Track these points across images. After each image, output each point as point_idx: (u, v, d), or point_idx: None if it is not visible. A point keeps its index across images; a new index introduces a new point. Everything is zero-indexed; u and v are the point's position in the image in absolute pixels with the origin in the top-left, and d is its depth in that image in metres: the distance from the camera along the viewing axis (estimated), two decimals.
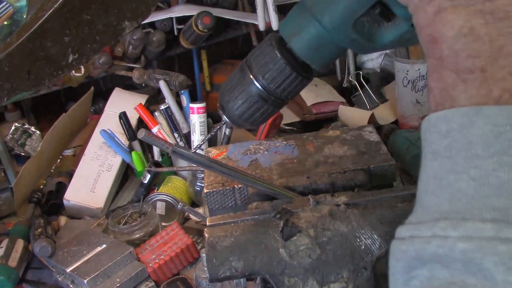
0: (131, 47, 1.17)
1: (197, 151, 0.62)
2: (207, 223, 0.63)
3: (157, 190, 1.03)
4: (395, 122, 1.18)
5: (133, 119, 1.12)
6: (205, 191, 0.73)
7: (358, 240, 0.57)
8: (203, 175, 0.89)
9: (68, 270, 0.83)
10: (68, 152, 1.20)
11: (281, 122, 1.17)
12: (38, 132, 1.19)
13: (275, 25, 1.15)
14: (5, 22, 0.95)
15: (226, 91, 0.57)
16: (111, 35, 0.54)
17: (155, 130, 1.09)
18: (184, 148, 0.61)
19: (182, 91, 1.14)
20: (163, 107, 1.12)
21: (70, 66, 0.53)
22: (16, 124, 1.17)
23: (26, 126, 1.18)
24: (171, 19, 1.21)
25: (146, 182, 1.04)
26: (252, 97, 0.55)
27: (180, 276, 0.86)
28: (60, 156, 1.20)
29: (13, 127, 1.17)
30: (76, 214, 1.05)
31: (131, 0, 0.54)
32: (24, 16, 0.96)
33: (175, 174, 1.10)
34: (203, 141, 0.65)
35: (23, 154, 1.17)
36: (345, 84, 1.34)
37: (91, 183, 1.06)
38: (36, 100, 1.27)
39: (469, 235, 0.29)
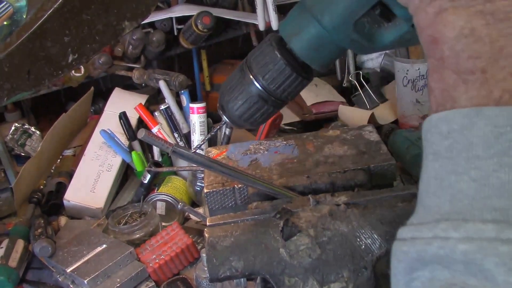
0: (131, 47, 1.17)
1: (197, 151, 0.62)
2: (207, 223, 0.63)
3: (157, 190, 1.03)
4: (395, 122, 1.18)
5: (133, 119, 1.12)
6: (205, 191, 0.73)
7: (358, 239, 0.57)
8: (203, 175, 0.89)
9: (68, 270, 0.83)
10: (68, 152, 1.20)
11: (281, 122, 1.17)
12: (38, 132, 1.19)
13: (275, 25, 1.15)
14: (5, 22, 0.95)
15: (226, 91, 0.57)
16: (111, 35, 0.54)
17: (155, 130, 1.09)
18: (184, 148, 0.61)
19: (182, 91, 1.14)
20: (163, 107, 1.12)
21: (70, 66, 0.53)
22: (16, 124, 1.17)
23: (26, 126, 1.18)
24: (171, 19, 1.20)
25: (146, 182, 1.04)
26: (252, 97, 0.55)
27: (180, 276, 0.86)
28: (60, 156, 1.20)
29: (13, 127, 1.17)
30: (76, 214, 1.05)
31: (131, 0, 0.54)
32: (24, 16, 0.96)
33: (175, 174, 1.10)
34: (203, 141, 0.65)
35: (23, 154, 1.17)
36: (345, 84, 1.34)
37: (91, 183, 1.06)
38: (36, 100, 1.27)
39: (470, 236, 0.29)
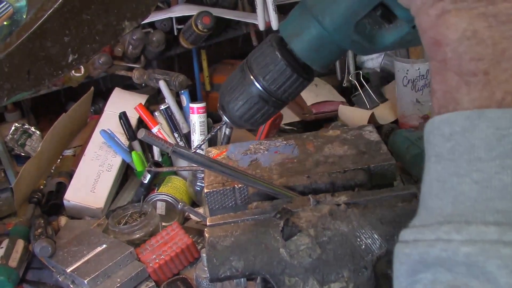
0: (131, 47, 1.17)
1: (197, 151, 0.62)
2: (207, 223, 0.63)
3: (157, 190, 1.03)
4: (395, 122, 1.18)
5: (133, 119, 1.12)
6: (205, 191, 0.73)
7: (359, 239, 0.57)
8: (203, 175, 0.89)
9: (68, 270, 0.83)
10: (68, 152, 1.20)
11: (281, 122, 1.17)
12: (38, 132, 1.19)
13: (275, 24, 1.15)
14: (5, 22, 0.95)
15: (226, 91, 0.57)
16: (111, 35, 0.54)
17: (155, 130, 1.09)
18: (184, 148, 0.61)
19: (182, 91, 1.14)
20: (163, 107, 1.12)
21: (70, 66, 0.53)
22: (16, 124, 1.17)
23: (26, 126, 1.18)
24: (171, 19, 1.20)
25: (146, 182, 1.04)
26: (252, 98, 0.55)
27: (181, 276, 0.86)
28: (60, 156, 1.19)
29: (13, 127, 1.17)
30: (76, 214, 1.05)
31: (131, 0, 0.54)
32: (24, 16, 0.96)
33: (175, 174, 1.10)
34: (203, 141, 0.65)
35: (23, 154, 1.17)
36: (345, 83, 1.34)
37: (91, 183, 1.06)
38: (36, 100, 1.27)
39: (472, 238, 0.29)
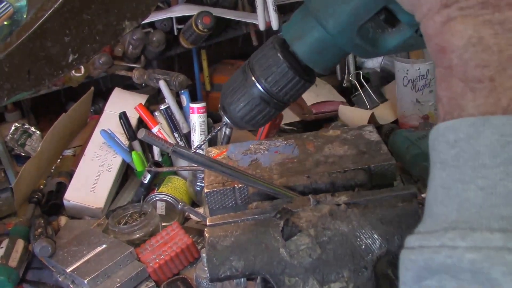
0: (131, 47, 1.17)
1: (197, 151, 0.62)
2: (208, 223, 0.63)
3: (157, 190, 1.03)
4: (395, 122, 1.18)
5: (133, 119, 1.12)
6: (205, 191, 0.73)
7: (359, 239, 0.57)
8: (203, 175, 0.89)
9: (68, 270, 0.83)
10: (68, 152, 1.20)
11: (281, 122, 1.17)
12: (38, 132, 1.19)
13: (275, 24, 1.15)
14: (5, 22, 0.95)
15: (227, 92, 0.57)
16: (111, 35, 0.54)
17: (155, 130, 1.09)
18: (184, 148, 0.61)
19: (182, 91, 1.14)
20: (163, 107, 1.12)
21: (70, 66, 0.53)
22: (16, 124, 1.17)
23: (26, 126, 1.18)
24: (171, 19, 1.20)
25: (146, 182, 1.04)
26: (254, 99, 0.55)
27: (181, 276, 0.86)
28: (60, 156, 1.20)
29: (13, 127, 1.17)
30: (76, 214, 1.05)
31: (131, 0, 0.54)
32: (24, 16, 0.96)
33: (175, 174, 1.10)
34: (204, 141, 0.65)
35: (23, 154, 1.17)
36: (345, 83, 1.34)
37: (91, 183, 1.06)
38: (36, 100, 1.27)
39: (477, 245, 0.29)
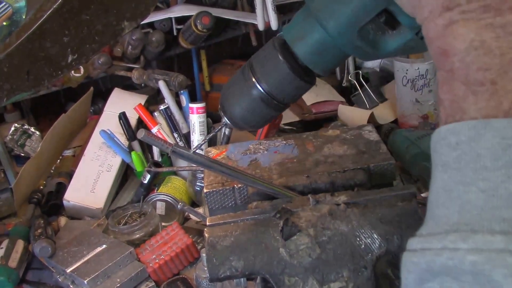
0: (130, 47, 1.17)
1: (196, 151, 0.62)
2: (207, 223, 0.63)
3: (157, 190, 1.03)
4: (395, 121, 1.18)
5: (132, 119, 1.12)
6: (205, 191, 0.73)
7: (358, 239, 0.57)
8: (202, 175, 0.89)
9: (68, 271, 0.83)
10: (67, 152, 1.20)
11: (280, 121, 1.17)
12: (37, 132, 1.19)
13: (274, 24, 1.15)
14: (4, 23, 0.95)
15: (228, 93, 0.57)
16: (111, 35, 0.54)
17: (154, 130, 1.09)
18: (183, 148, 0.61)
19: (182, 91, 1.14)
20: (162, 107, 1.12)
21: (70, 66, 0.53)
22: (16, 124, 1.17)
23: (25, 127, 1.18)
24: (170, 19, 1.20)
25: (146, 182, 1.04)
26: (254, 100, 0.55)
27: (180, 276, 0.87)
28: (60, 157, 1.20)
29: (12, 128, 1.17)
30: (76, 214, 1.05)
31: (130, 0, 0.54)
32: (23, 17, 0.96)
33: (175, 174, 1.10)
34: (203, 141, 0.65)
35: (22, 154, 1.17)
36: (344, 83, 1.34)
37: (91, 183, 1.06)
38: (35, 101, 1.27)
39: (478, 247, 0.29)
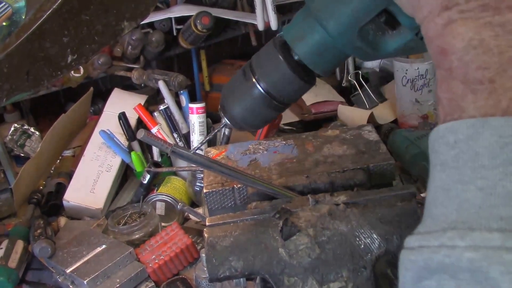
0: (130, 47, 1.17)
1: (196, 151, 0.62)
2: (207, 223, 0.63)
3: (156, 191, 1.03)
4: (395, 121, 1.18)
5: (132, 119, 1.12)
6: (204, 191, 0.73)
7: (358, 239, 0.57)
8: (202, 175, 0.89)
9: (68, 271, 0.83)
10: (67, 152, 1.20)
11: (280, 122, 1.17)
12: (37, 133, 1.19)
13: (274, 25, 1.15)
14: (4, 23, 0.95)
15: (228, 93, 0.57)
16: (110, 36, 0.54)
17: (154, 130, 1.09)
18: (183, 148, 0.61)
19: (181, 91, 1.14)
20: (162, 107, 1.12)
21: (69, 66, 0.53)
22: (16, 125, 1.17)
23: (25, 127, 1.18)
24: (170, 19, 1.20)
25: (145, 182, 1.04)
26: (254, 100, 0.55)
27: (180, 276, 0.86)
28: (60, 157, 1.20)
29: (12, 128, 1.17)
30: (76, 214, 1.05)
31: (130, 1, 0.54)
32: (23, 17, 0.96)
33: (175, 174, 1.10)
34: (203, 141, 0.65)
35: (22, 155, 1.17)
36: (344, 83, 1.34)
37: (90, 183, 1.06)
38: (35, 101, 1.27)
39: (476, 244, 0.29)
